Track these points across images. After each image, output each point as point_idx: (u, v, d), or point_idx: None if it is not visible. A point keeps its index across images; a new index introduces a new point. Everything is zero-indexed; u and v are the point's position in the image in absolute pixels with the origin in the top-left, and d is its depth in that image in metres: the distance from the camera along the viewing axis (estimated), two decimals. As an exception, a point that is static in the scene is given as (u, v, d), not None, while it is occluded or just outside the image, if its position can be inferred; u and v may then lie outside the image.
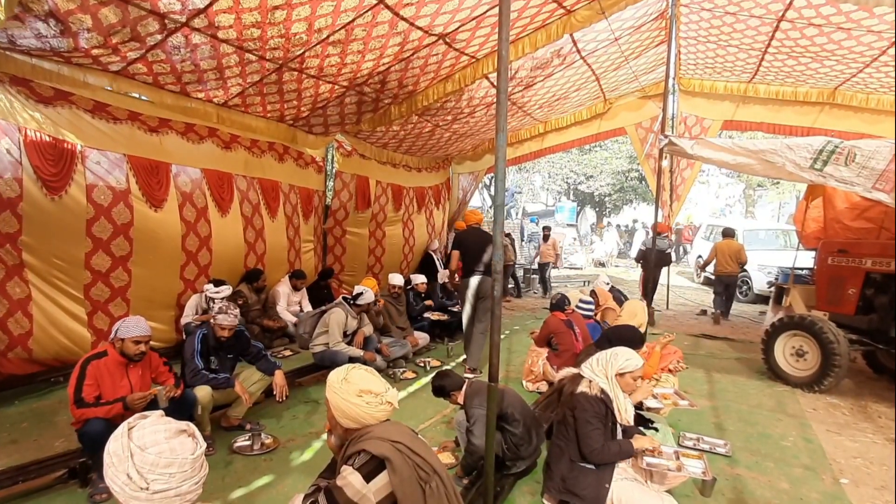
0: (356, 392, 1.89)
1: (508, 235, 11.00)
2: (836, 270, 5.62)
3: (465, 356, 5.64)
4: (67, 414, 3.44)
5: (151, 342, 3.17)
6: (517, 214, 22.08)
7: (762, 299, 10.27)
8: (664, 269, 9.21)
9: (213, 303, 5.33)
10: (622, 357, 2.85)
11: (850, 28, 5.50)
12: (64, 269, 4.49)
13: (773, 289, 6.96)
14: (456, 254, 5.48)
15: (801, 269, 6.44)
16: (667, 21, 6.55)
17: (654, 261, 7.68)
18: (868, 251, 5.36)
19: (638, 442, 2.74)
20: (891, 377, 5.58)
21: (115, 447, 1.33)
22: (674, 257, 8.31)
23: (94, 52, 3.93)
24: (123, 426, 1.38)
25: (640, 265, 8.99)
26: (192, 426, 1.44)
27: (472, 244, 5.39)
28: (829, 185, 4.24)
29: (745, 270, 10.19)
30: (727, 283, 8.56)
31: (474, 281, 5.29)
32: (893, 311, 4.96)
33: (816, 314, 5.51)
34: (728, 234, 9.00)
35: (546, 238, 11.74)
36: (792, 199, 23.21)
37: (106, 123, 4.65)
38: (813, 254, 6.32)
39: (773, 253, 10.87)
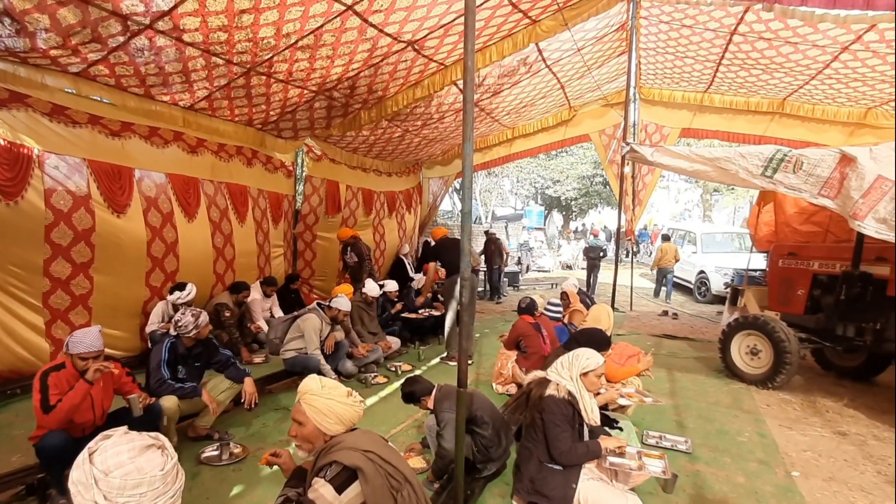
0: (346, 393, 1.97)
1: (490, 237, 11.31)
2: (786, 272, 5.93)
3: (436, 360, 6.07)
4: (24, 428, 3.33)
5: (117, 352, 3.09)
6: (486, 218, 22.29)
7: (719, 300, 10.72)
8: (603, 262, 12.63)
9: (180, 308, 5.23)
10: (583, 357, 2.96)
11: (797, 42, 5.84)
12: (21, 277, 4.31)
13: (729, 290, 7.28)
14: (433, 264, 6.04)
15: (755, 270, 6.72)
16: (627, 32, 6.79)
17: (592, 254, 12.15)
18: (815, 254, 5.67)
19: (605, 442, 2.84)
20: (837, 373, 5.90)
21: (79, 475, 1.26)
22: (608, 252, 12.74)
23: (53, 52, 3.81)
24: (84, 453, 1.30)
25: (585, 258, 12.93)
26: (161, 438, 1.38)
27: (450, 249, 5.94)
28: (779, 191, 4.46)
29: (703, 272, 11.78)
30: (665, 274, 11.61)
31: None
32: (838, 310, 5.25)
33: (769, 314, 5.78)
34: (666, 238, 12.24)
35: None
36: (746, 203, 24.10)
37: (65, 127, 4.50)
38: (765, 256, 6.61)
39: (729, 255, 11.37)
